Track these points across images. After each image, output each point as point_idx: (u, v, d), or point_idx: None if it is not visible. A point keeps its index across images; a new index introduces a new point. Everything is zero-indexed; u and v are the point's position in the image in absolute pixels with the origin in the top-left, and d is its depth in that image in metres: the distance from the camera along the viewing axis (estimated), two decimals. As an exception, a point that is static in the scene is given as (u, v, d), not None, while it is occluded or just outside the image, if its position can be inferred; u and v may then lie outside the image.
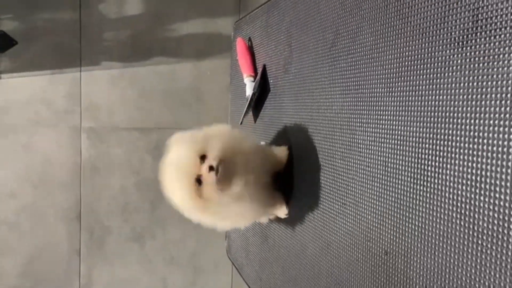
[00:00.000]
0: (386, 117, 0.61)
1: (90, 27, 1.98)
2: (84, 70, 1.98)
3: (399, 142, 0.58)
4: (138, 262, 2.11)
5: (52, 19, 1.94)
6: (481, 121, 0.45)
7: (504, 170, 0.42)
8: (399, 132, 0.58)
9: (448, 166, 0.49)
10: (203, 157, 0.76)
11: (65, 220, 2.02)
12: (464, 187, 0.47)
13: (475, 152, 0.46)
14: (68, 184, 2.01)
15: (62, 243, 2.02)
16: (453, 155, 0.49)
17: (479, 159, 0.45)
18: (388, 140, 0.60)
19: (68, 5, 1.95)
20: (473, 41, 0.46)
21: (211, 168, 0.74)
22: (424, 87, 0.54)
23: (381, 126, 0.62)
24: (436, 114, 0.51)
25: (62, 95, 1.97)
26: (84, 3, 1.96)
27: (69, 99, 1.98)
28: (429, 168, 0.52)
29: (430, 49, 0.53)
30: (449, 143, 0.49)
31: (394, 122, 0.59)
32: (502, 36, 0.43)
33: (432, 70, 0.52)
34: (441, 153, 0.50)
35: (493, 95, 0.44)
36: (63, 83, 1.97)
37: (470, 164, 0.46)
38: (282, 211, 0.93)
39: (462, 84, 0.48)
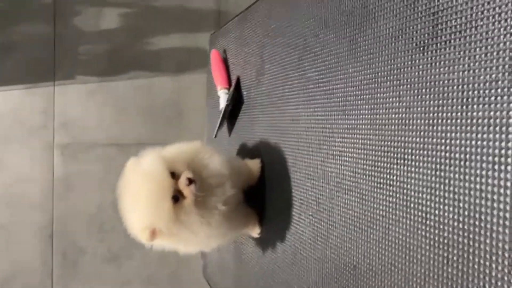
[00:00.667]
0: (354, 125, 0.59)
1: (65, 40, 1.94)
2: (58, 84, 1.94)
3: (367, 152, 0.56)
4: (115, 283, 2.03)
5: (26, 32, 1.89)
6: (444, 127, 0.43)
7: (467, 177, 0.40)
8: (367, 142, 0.56)
9: (412, 175, 0.47)
10: (173, 174, 0.72)
11: (37, 240, 1.94)
12: (428, 197, 0.45)
13: (439, 160, 0.44)
14: (40, 203, 1.94)
15: (34, 264, 1.94)
16: (417, 163, 0.47)
17: (443, 167, 0.43)
18: (357, 150, 0.58)
19: (42, 18, 1.91)
20: (434, 45, 0.45)
21: (190, 181, 0.70)
22: (389, 94, 0.52)
23: (349, 136, 0.60)
24: (402, 121, 0.49)
25: (35, 111, 1.92)
26: (58, 16, 1.92)
27: (42, 114, 1.93)
28: (394, 177, 0.50)
29: (395, 54, 0.51)
30: (415, 151, 0.47)
31: (361, 131, 0.57)
32: (460, 40, 0.42)
33: (396, 76, 0.51)
34: (406, 161, 0.48)
35: (454, 100, 0.42)
36: (36, 98, 1.92)
37: (434, 172, 0.44)
38: (255, 231, 0.90)
39: (423, 90, 0.46)
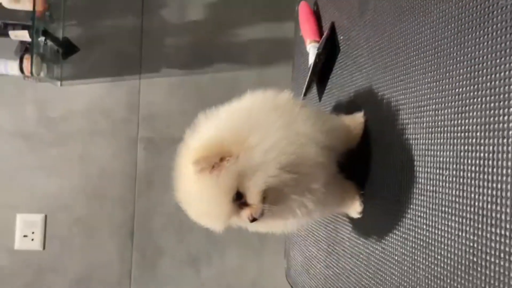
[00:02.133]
0: None
1: (151, 33, 1.90)
2: (143, 77, 1.89)
3: None
4: (193, 290, 1.89)
5: (114, 25, 1.88)
6: None
7: None
8: None
9: None
10: (238, 195, 0.54)
11: (117, 237, 1.87)
12: None
13: None
14: (122, 198, 1.88)
15: (112, 262, 1.87)
16: None
17: None
18: None
19: (131, 11, 1.89)
20: None
21: (253, 220, 0.54)
22: None
23: None
24: None
25: (120, 104, 1.88)
26: (146, 9, 1.89)
27: (127, 108, 1.89)
28: None
29: None
30: None
31: None
32: None
33: None
34: None
35: None
36: (121, 91, 1.88)
37: None
38: (354, 209, 0.66)
39: None
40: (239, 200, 0.54)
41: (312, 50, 0.86)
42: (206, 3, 1.92)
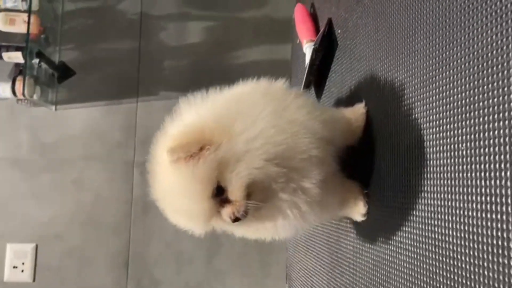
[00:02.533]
0: None
1: (149, 56, 1.87)
2: (140, 100, 1.85)
3: None
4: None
5: (112, 48, 1.86)
6: None
7: None
8: None
9: None
10: (219, 190, 0.47)
11: (111, 267, 1.77)
12: None
13: None
14: (117, 225, 1.79)
15: (106, 293, 1.76)
16: None
17: None
18: None
19: (129, 34, 1.87)
20: None
21: (236, 219, 0.46)
22: None
23: None
24: None
25: (116, 128, 1.83)
26: (144, 31, 1.88)
27: (124, 131, 1.83)
28: None
29: None
30: None
31: None
32: None
33: None
34: None
35: None
36: (118, 115, 1.84)
37: None
38: (357, 211, 0.59)
39: None
40: (220, 195, 0.46)
41: (308, 50, 0.81)
42: (203, 26, 1.91)
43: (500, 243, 0.35)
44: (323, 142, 0.51)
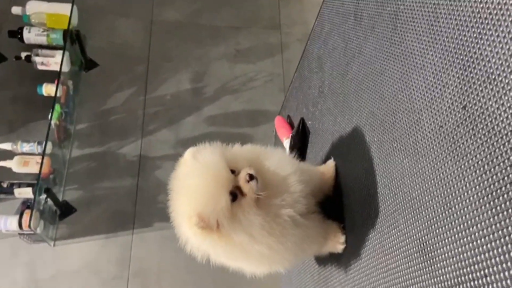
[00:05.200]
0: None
1: (145, 192, 2.04)
2: (136, 232, 1.95)
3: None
4: None
5: (112, 187, 2.03)
6: None
7: None
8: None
9: None
10: (233, 172, 0.65)
11: None
12: None
13: None
14: None
15: None
16: None
17: None
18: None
19: (129, 173, 2.07)
20: None
21: (251, 177, 0.63)
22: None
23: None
24: None
25: (111, 261, 1.89)
26: (142, 170, 2.08)
27: (118, 264, 1.88)
28: None
29: None
30: None
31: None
32: None
33: None
34: None
35: None
36: (114, 248, 1.91)
37: None
38: (337, 241, 0.72)
39: None
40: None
41: (286, 142, 1.01)
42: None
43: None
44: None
